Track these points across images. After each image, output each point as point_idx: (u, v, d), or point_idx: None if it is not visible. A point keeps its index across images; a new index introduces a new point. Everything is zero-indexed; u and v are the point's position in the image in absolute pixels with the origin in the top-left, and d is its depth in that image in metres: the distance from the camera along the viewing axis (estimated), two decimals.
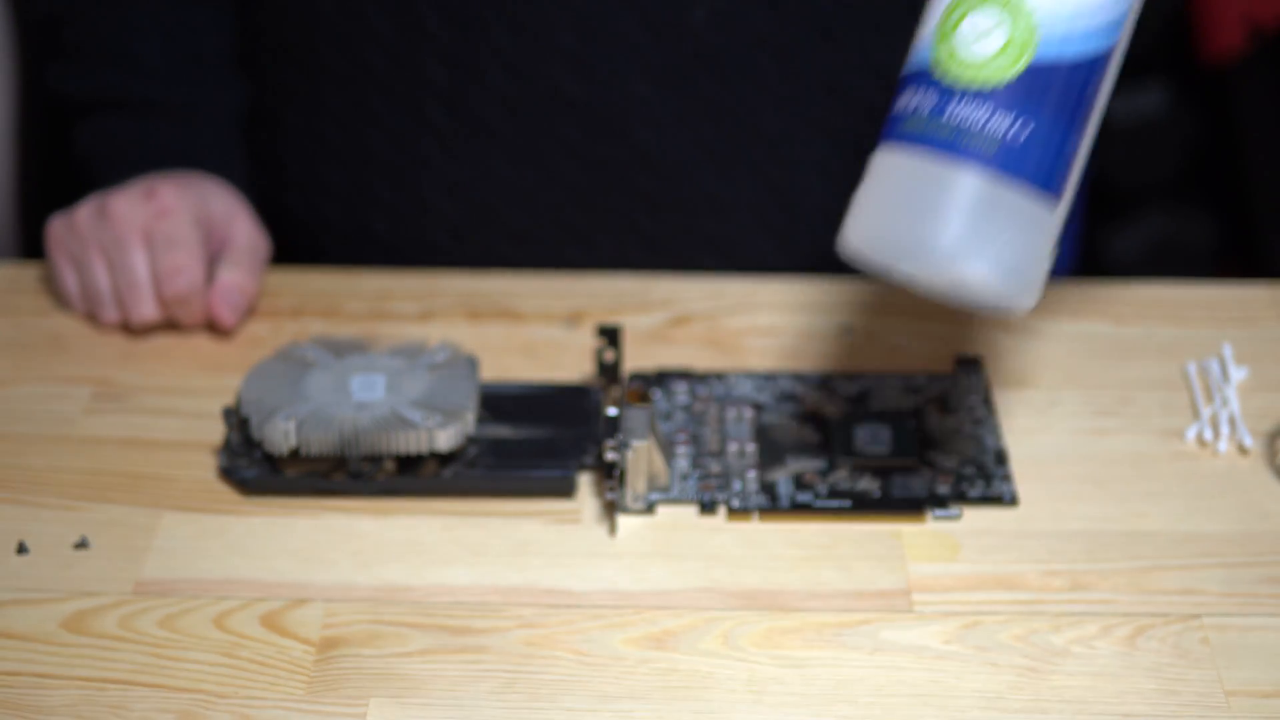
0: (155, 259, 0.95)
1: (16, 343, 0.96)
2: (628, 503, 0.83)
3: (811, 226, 1.05)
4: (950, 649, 0.75)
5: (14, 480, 0.85)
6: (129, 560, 0.80)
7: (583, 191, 1.03)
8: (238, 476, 0.84)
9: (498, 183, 1.04)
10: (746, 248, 1.05)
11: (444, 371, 0.87)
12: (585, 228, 1.04)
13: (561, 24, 0.99)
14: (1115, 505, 0.83)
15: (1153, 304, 0.99)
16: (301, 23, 1.04)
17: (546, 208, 1.04)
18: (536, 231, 1.05)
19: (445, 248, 1.06)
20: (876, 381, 0.91)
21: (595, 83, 1.00)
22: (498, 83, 1.00)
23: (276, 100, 1.07)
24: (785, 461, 0.86)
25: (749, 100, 1.01)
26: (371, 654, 0.75)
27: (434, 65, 1.01)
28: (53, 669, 0.74)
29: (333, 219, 1.08)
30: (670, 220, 1.04)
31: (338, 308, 0.99)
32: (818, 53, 1.00)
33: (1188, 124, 1.94)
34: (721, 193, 1.03)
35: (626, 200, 1.03)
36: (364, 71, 1.03)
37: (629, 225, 1.04)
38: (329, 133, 1.06)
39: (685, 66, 1.00)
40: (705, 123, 1.01)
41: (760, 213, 1.05)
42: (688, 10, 0.98)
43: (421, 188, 1.05)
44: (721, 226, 1.04)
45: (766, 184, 1.04)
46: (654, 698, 0.73)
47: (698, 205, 1.04)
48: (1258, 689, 0.73)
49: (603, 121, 1.01)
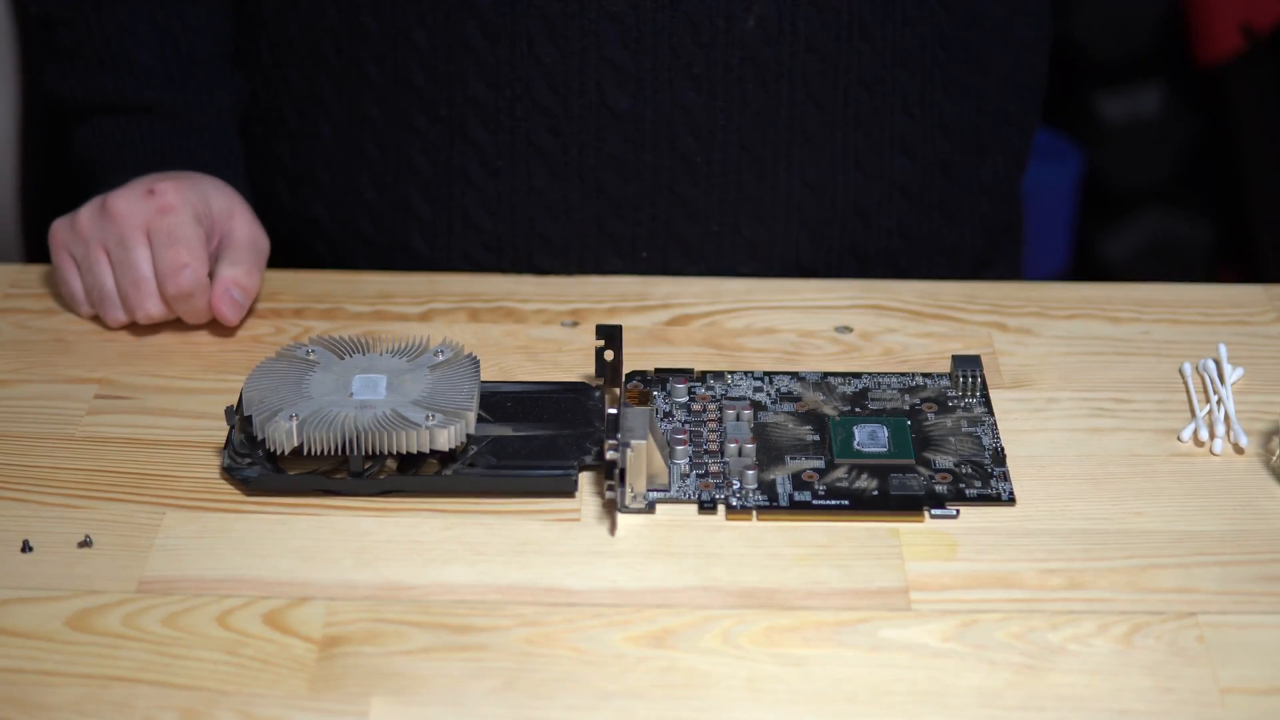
0: (158, 256, 0.95)
1: (20, 343, 0.96)
2: (627, 502, 0.83)
3: (845, 222, 1.05)
4: (948, 647, 0.75)
5: (18, 479, 0.85)
6: (132, 558, 0.80)
7: (625, 202, 1.03)
8: (240, 475, 0.84)
9: (539, 199, 1.03)
10: (784, 248, 1.05)
11: (445, 371, 0.87)
12: (626, 236, 1.04)
13: (606, 36, 0.98)
14: (1112, 504, 0.84)
15: (1149, 304, 1.00)
16: (296, 22, 1.04)
17: (587, 220, 1.03)
18: (574, 243, 1.04)
19: (480, 260, 1.05)
20: (875, 381, 0.92)
21: (642, 95, 1.00)
22: (543, 98, 1.00)
23: (272, 97, 1.07)
24: (784, 461, 0.86)
25: (792, 102, 1.01)
26: (373, 652, 0.75)
27: (477, 84, 1.00)
28: (57, 666, 0.74)
29: (322, 218, 1.08)
30: (711, 225, 1.04)
31: (339, 308, 1.00)
32: (856, 51, 1.00)
33: (1184, 125, 1.94)
34: (763, 196, 1.03)
35: (669, 208, 1.03)
36: (406, 84, 1.02)
37: (671, 232, 1.04)
38: (323, 132, 1.06)
39: (733, 74, 0.99)
40: (749, 128, 1.01)
41: (797, 212, 1.04)
42: (739, 20, 0.98)
43: (459, 200, 1.04)
44: (759, 229, 1.04)
45: (804, 182, 1.03)
46: (653, 696, 0.73)
47: (739, 209, 1.03)
48: (1253, 686, 0.73)
49: (649, 132, 1.01)
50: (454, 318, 0.99)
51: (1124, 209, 1.95)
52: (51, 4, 1.04)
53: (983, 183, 1.08)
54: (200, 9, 1.05)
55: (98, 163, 1.04)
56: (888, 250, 1.06)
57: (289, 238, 1.08)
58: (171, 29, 1.04)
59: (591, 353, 0.92)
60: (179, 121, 1.04)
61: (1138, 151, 1.93)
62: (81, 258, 0.97)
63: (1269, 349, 0.96)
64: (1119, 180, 1.94)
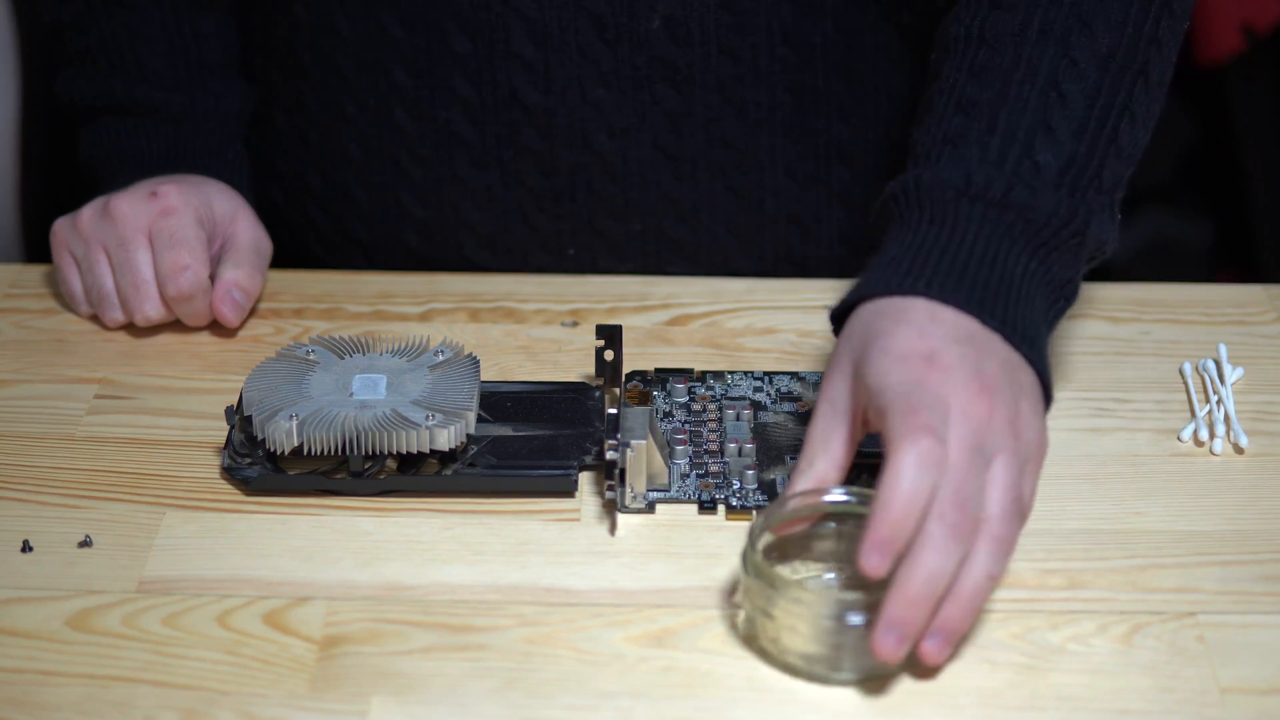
0: (159, 258, 0.95)
1: (20, 343, 0.96)
2: (627, 502, 0.83)
3: (779, 229, 1.05)
4: None
5: (18, 479, 0.85)
6: (132, 558, 0.80)
7: (546, 196, 1.03)
8: (240, 475, 0.84)
9: (464, 188, 1.04)
10: (711, 250, 1.05)
11: (445, 371, 0.87)
12: (551, 231, 1.04)
13: (518, 33, 0.99)
14: (1112, 504, 0.84)
15: (1149, 304, 1.00)
16: (284, 28, 1.04)
17: (510, 212, 1.04)
18: (503, 237, 1.05)
19: (415, 250, 1.07)
20: None
21: (553, 90, 1.00)
22: (461, 88, 1.01)
23: (264, 102, 1.08)
24: (784, 461, 0.86)
25: (707, 105, 1.01)
26: (373, 652, 0.75)
27: (399, 72, 1.01)
28: (57, 666, 0.74)
29: (316, 218, 1.09)
30: (634, 224, 1.04)
31: (339, 308, 1.00)
32: (779, 57, 1.00)
33: (1184, 126, 1.94)
34: (684, 197, 1.03)
35: (589, 205, 1.03)
36: (336, 75, 1.03)
37: (594, 229, 1.04)
38: (310, 135, 1.06)
39: (640, 73, 1.00)
40: (663, 128, 1.01)
41: (723, 215, 1.04)
42: (644, 20, 0.98)
43: (394, 190, 1.05)
44: (686, 230, 1.04)
45: (728, 186, 1.03)
46: (654, 695, 0.73)
47: (661, 209, 1.04)
48: (1253, 686, 0.73)
49: (562, 127, 1.01)
50: (454, 318, 0.99)
51: (1124, 209, 1.95)
52: (64, 10, 1.05)
53: None
54: (210, 18, 1.05)
55: (102, 163, 1.04)
56: (831, 259, 1.06)
57: None
58: (182, 35, 1.04)
59: (591, 353, 0.93)
60: (185, 124, 1.04)
61: None
62: (82, 257, 0.97)
63: (1269, 349, 0.96)
64: None
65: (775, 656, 0.74)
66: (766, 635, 0.74)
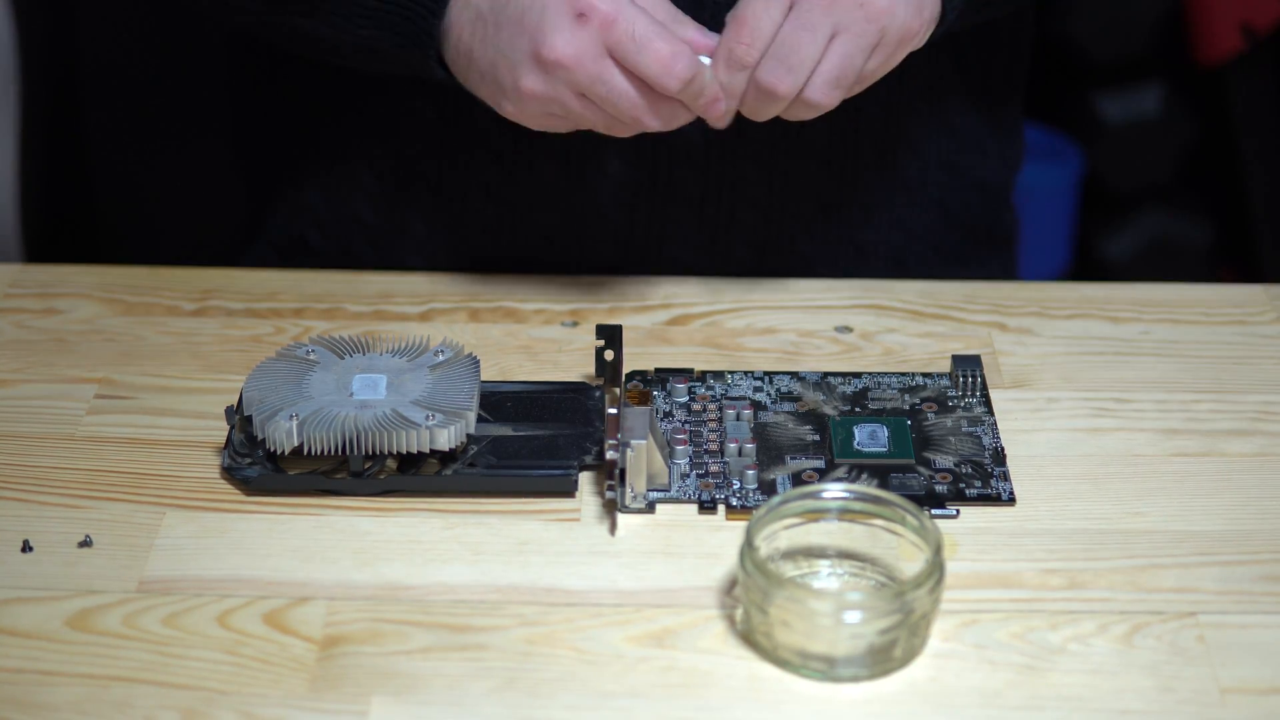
0: (638, 66, 0.85)
1: (20, 343, 0.96)
2: (627, 502, 0.83)
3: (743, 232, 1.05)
4: (948, 646, 0.75)
5: (18, 479, 0.85)
6: (132, 558, 0.80)
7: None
8: (240, 475, 0.84)
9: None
10: (674, 257, 1.05)
11: (445, 371, 0.87)
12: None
13: None
14: (1112, 504, 0.84)
15: (1149, 304, 1.00)
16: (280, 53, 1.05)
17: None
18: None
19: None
20: (875, 381, 0.92)
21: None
22: None
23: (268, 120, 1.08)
24: (784, 461, 0.86)
25: None
26: (373, 652, 0.75)
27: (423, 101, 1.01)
28: (57, 666, 0.74)
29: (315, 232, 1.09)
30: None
31: (339, 308, 1.00)
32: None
33: (1183, 126, 1.94)
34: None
35: None
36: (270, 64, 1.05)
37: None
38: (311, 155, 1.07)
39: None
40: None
41: (682, 224, 1.04)
42: None
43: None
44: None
45: (691, 197, 1.03)
46: (654, 695, 0.73)
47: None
48: (1253, 686, 0.73)
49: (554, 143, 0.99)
50: (454, 318, 0.99)
51: (1124, 209, 1.95)
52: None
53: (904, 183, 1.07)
54: None
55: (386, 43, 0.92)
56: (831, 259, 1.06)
57: None
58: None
59: (591, 353, 0.93)
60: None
61: (1137, 152, 1.93)
62: (562, 114, 0.88)
63: (1269, 349, 0.96)
64: (1119, 180, 1.94)
65: (771, 653, 0.74)
66: (763, 632, 0.74)
